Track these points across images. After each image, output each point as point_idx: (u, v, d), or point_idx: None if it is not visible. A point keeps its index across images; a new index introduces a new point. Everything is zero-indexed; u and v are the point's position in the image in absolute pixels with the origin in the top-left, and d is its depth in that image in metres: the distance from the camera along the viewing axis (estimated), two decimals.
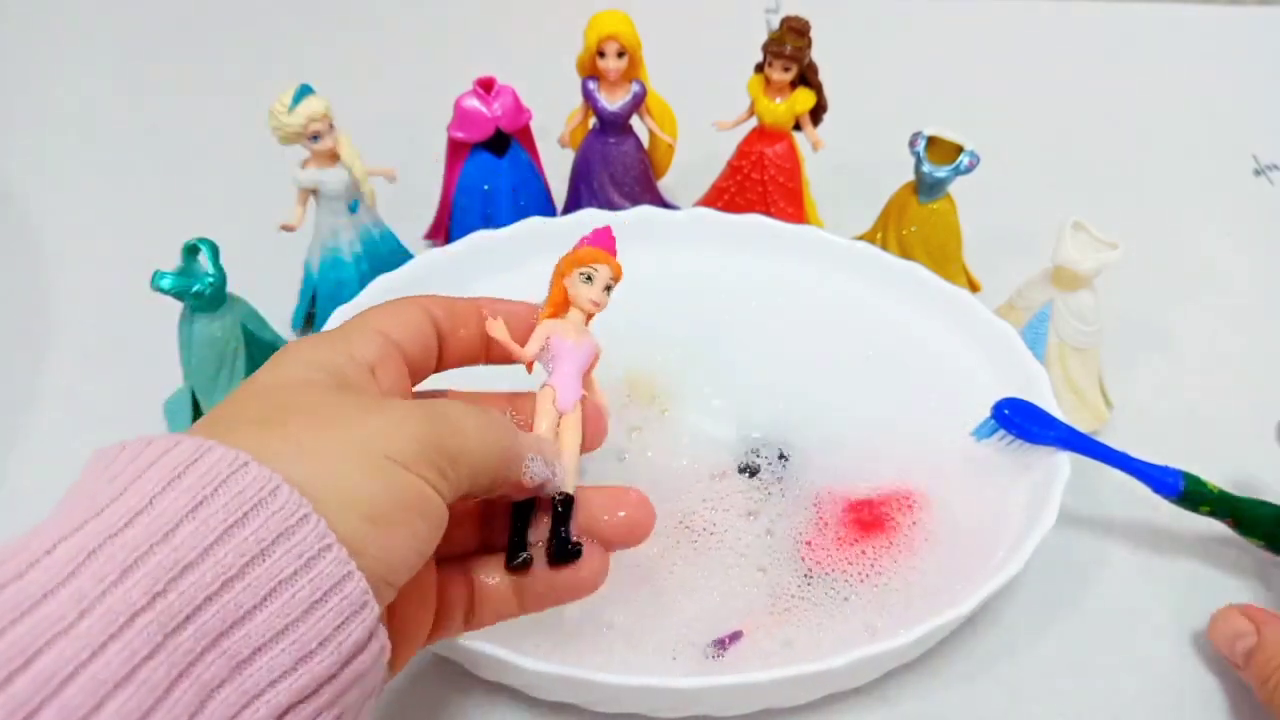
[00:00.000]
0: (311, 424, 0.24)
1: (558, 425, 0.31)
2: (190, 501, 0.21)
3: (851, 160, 0.60)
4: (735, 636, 0.36)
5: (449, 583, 0.30)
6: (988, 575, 0.36)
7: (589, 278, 0.32)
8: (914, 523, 0.41)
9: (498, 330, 0.32)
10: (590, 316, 0.33)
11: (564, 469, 0.31)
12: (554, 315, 0.33)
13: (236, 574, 0.21)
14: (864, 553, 0.39)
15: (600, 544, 0.31)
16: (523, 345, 0.32)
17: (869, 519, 0.41)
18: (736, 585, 0.38)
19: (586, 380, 0.33)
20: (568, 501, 0.31)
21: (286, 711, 0.22)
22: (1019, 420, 0.39)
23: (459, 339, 0.32)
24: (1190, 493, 0.38)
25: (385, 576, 0.24)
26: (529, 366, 0.33)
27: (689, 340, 0.47)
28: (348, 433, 0.24)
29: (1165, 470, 0.38)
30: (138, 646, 0.19)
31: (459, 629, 0.31)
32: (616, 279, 0.33)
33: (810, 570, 0.39)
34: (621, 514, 0.32)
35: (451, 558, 0.31)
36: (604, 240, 0.33)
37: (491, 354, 0.33)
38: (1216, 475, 0.47)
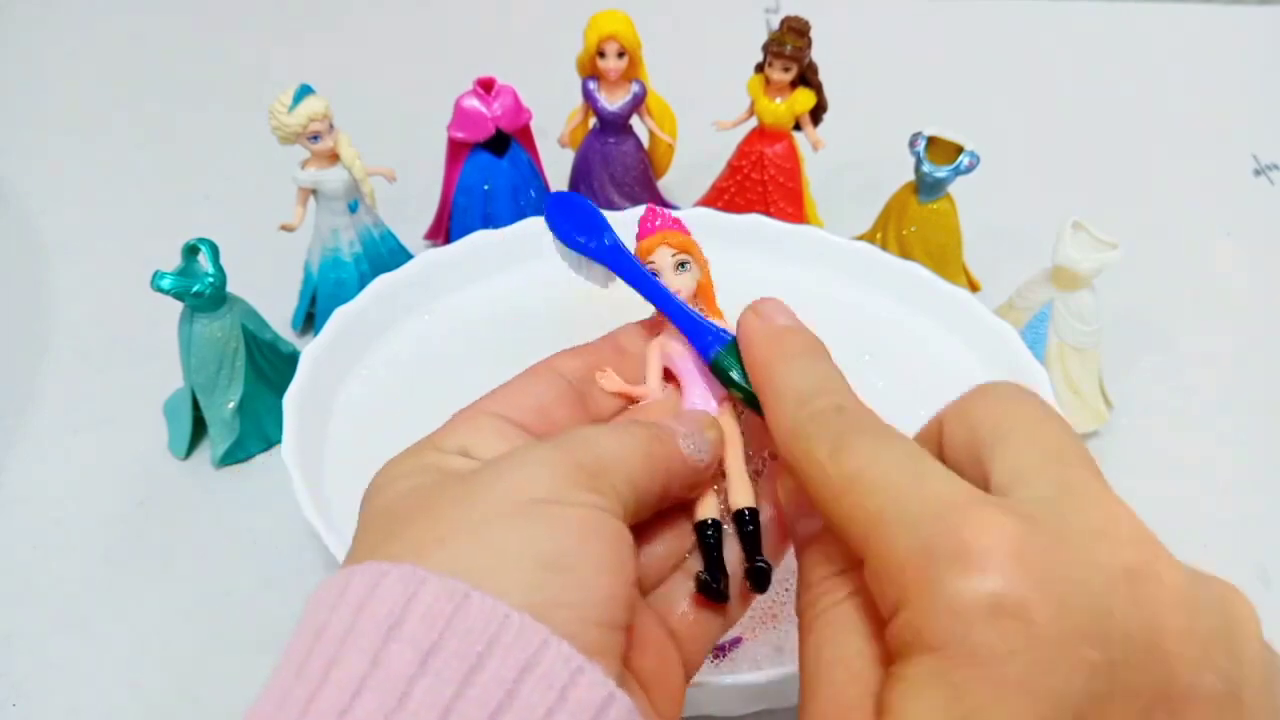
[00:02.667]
0: (437, 520, 0.21)
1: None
2: (419, 653, 0.18)
3: (851, 160, 0.60)
4: (735, 643, 0.36)
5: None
6: None
7: (654, 274, 0.30)
8: None
9: (610, 382, 0.28)
10: (700, 307, 0.30)
11: (731, 481, 0.27)
12: (656, 331, 0.30)
13: None
14: None
15: None
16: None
17: None
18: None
19: None
20: (753, 515, 0.27)
21: None
22: (563, 218, 0.31)
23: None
24: (716, 366, 0.28)
25: (597, 619, 0.21)
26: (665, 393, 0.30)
27: None
28: (478, 504, 0.21)
29: (709, 331, 0.29)
30: None
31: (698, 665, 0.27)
32: (684, 250, 0.30)
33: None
34: None
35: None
36: (647, 226, 0.31)
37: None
38: (1218, 475, 0.47)
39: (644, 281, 0.29)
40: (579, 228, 0.30)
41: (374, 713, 0.18)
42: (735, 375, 0.28)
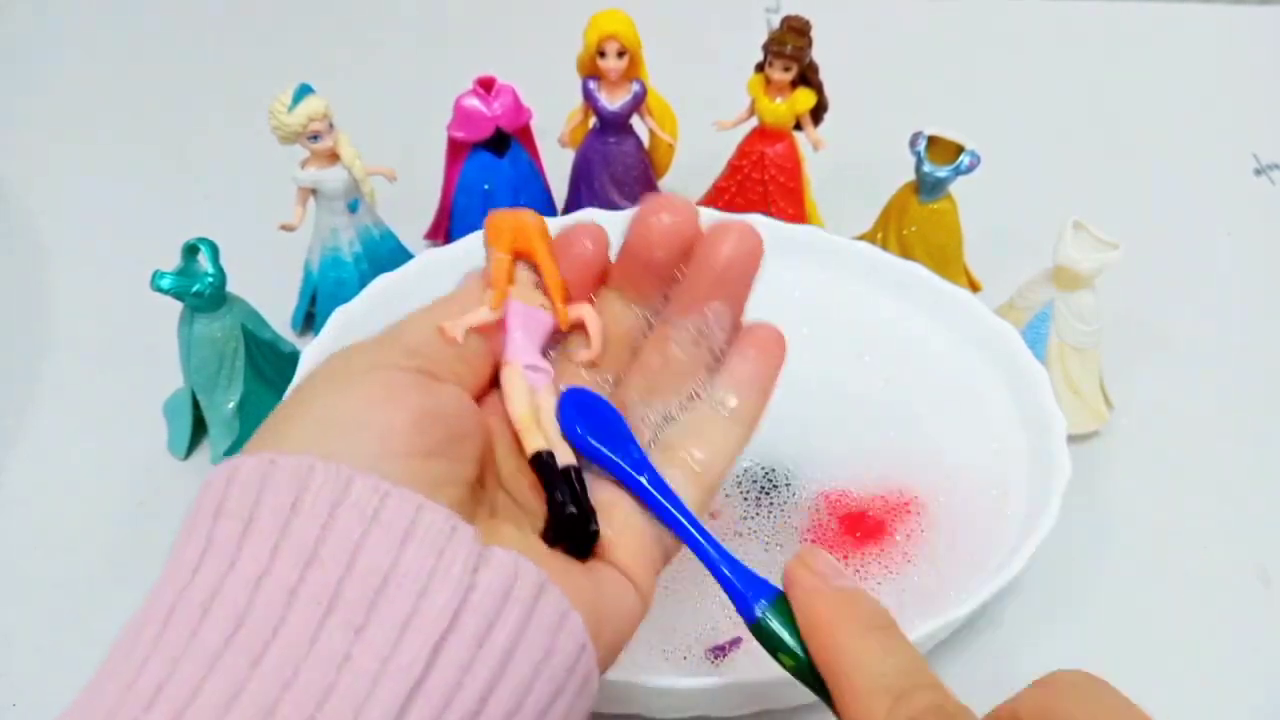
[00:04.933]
0: (274, 420, 0.24)
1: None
2: (240, 522, 0.22)
3: (851, 160, 0.60)
4: (735, 643, 0.36)
5: None
6: (986, 578, 0.36)
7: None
8: (912, 526, 0.40)
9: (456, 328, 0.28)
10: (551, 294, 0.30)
11: (555, 439, 0.26)
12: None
13: (382, 582, 0.20)
14: (860, 556, 0.39)
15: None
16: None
17: (866, 523, 0.41)
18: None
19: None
20: (574, 473, 0.25)
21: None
22: (579, 417, 0.27)
23: None
24: (763, 629, 0.25)
25: (380, 451, 0.22)
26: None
27: None
28: (291, 406, 0.24)
29: (753, 583, 0.26)
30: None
31: None
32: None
33: None
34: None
35: None
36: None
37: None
38: (1218, 475, 0.47)
39: (668, 508, 0.26)
40: (598, 433, 0.27)
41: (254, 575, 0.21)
42: (788, 639, 0.24)
